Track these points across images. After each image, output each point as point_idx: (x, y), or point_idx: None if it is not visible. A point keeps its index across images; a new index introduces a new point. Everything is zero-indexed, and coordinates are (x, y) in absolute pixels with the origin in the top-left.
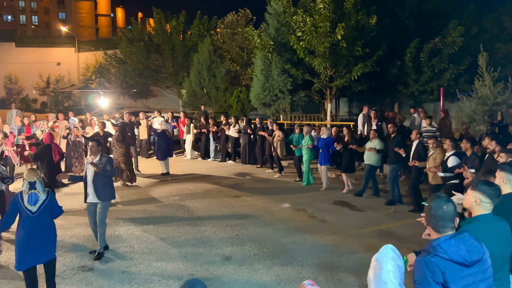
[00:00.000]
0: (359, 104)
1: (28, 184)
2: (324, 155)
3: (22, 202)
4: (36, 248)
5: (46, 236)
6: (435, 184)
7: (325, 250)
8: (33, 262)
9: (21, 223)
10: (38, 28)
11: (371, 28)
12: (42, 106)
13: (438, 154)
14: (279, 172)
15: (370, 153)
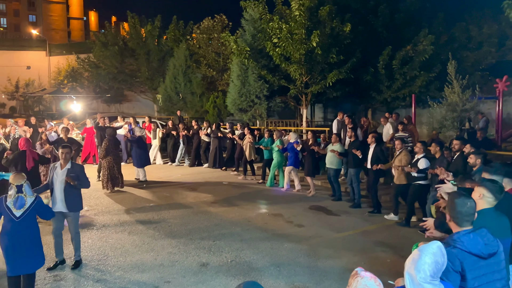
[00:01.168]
0: (334, 110)
1: (16, 187)
2: (291, 157)
3: (5, 206)
4: (23, 256)
5: (31, 243)
6: (399, 184)
7: (302, 255)
8: (22, 271)
9: (4, 228)
10: (7, 31)
11: (346, 35)
12: (11, 111)
13: (403, 156)
14: (244, 174)
15: (332, 157)
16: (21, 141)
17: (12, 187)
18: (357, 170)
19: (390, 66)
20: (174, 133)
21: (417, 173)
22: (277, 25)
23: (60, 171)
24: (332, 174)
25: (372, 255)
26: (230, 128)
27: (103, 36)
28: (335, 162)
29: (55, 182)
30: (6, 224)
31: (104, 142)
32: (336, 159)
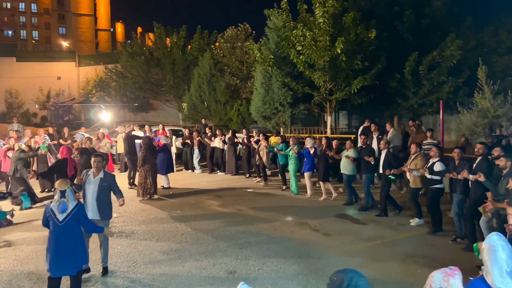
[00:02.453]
0: (359, 117)
1: (59, 192)
2: (306, 162)
3: (50, 211)
4: (64, 258)
5: (73, 246)
6: (415, 188)
7: (330, 264)
8: (63, 272)
9: (50, 231)
10: (39, 43)
11: (370, 42)
12: (42, 120)
13: (419, 160)
14: (264, 180)
15: (346, 163)
16: (63, 150)
17: (56, 192)
18: (369, 175)
19: (417, 72)
20: (189, 141)
21: (430, 175)
22: (301, 32)
23: (93, 179)
24: (346, 180)
25: (402, 265)
26: (246, 135)
27: (129, 46)
28: (349, 167)
29: (87, 190)
30: (52, 228)
31: (141, 151)
32: (350, 164)
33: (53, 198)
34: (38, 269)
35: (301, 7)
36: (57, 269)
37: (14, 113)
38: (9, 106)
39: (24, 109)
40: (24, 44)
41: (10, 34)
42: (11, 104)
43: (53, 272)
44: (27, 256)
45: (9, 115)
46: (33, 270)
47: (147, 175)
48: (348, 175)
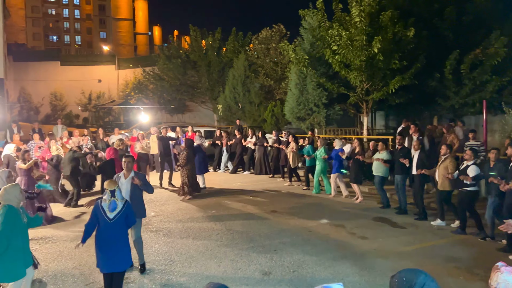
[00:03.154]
0: (396, 117)
1: (109, 192)
2: (336, 164)
3: (101, 210)
4: (115, 255)
5: (122, 243)
6: (443, 190)
7: (366, 268)
8: (114, 269)
9: (99, 229)
10: (81, 47)
11: (409, 40)
12: (84, 122)
13: (449, 162)
14: (291, 180)
15: (378, 165)
16: (109, 151)
17: (106, 192)
18: (403, 177)
19: (458, 71)
20: (219, 142)
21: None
22: (336, 32)
23: (125, 180)
24: (378, 181)
25: (444, 271)
26: (275, 136)
27: (166, 49)
28: (382, 169)
29: (121, 191)
30: (101, 226)
31: (184, 151)
32: (382, 166)
33: (102, 197)
34: (81, 264)
35: (337, 6)
36: (108, 265)
37: (58, 114)
38: (54, 108)
39: (67, 111)
40: (67, 48)
41: (55, 39)
42: (56, 106)
43: (105, 268)
44: (70, 252)
45: (53, 117)
46: (76, 265)
47: (189, 174)
48: (380, 176)
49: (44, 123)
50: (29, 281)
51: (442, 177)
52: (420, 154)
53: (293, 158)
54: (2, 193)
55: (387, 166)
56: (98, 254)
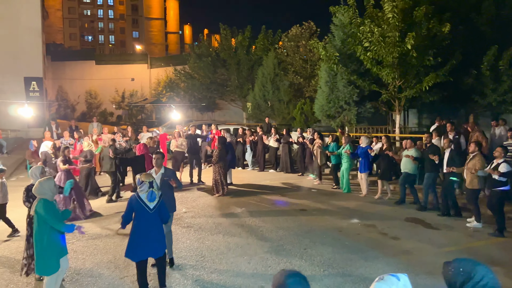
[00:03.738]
0: (430, 115)
1: (148, 183)
2: (363, 163)
3: (140, 201)
4: (150, 243)
5: (158, 231)
6: (472, 189)
7: (399, 269)
8: (147, 255)
9: (138, 219)
10: (115, 47)
11: (444, 36)
12: (118, 119)
13: (478, 160)
14: (319, 179)
15: (407, 161)
16: (140, 147)
17: (144, 184)
18: (432, 174)
19: (496, 67)
20: (241, 139)
21: (499, 177)
22: (368, 28)
23: (155, 176)
24: (404, 177)
25: None
26: (300, 134)
27: (197, 48)
28: (410, 166)
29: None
30: (140, 217)
31: (217, 149)
32: (410, 163)
33: (141, 189)
34: (116, 258)
35: (368, 2)
36: (148, 252)
37: (94, 112)
38: (89, 106)
39: (102, 109)
40: (102, 48)
41: (90, 39)
42: (91, 104)
43: (143, 255)
44: (105, 246)
45: (89, 114)
46: (111, 259)
47: (221, 172)
48: (408, 173)
49: (80, 121)
50: (63, 271)
51: (470, 175)
52: (451, 152)
53: (320, 156)
54: (37, 186)
55: (416, 163)
56: (137, 243)
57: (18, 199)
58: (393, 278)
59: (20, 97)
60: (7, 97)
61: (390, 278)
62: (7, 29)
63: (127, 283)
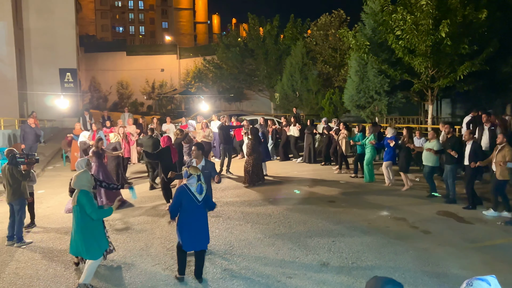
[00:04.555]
0: (464, 105)
1: (196, 177)
2: (388, 152)
3: (190, 193)
4: (202, 233)
5: (205, 223)
6: (502, 180)
7: (430, 264)
8: (201, 246)
9: (186, 211)
10: (145, 38)
11: (481, 23)
12: (148, 109)
13: (507, 151)
14: (346, 168)
15: (428, 154)
16: (164, 139)
17: (193, 177)
18: (453, 166)
19: None
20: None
21: None
22: (401, 16)
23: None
24: (428, 171)
25: None
26: (325, 124)
27: (225, 38)
28: (432, 159)
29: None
30: (188, 208)
31: (250, 140)
32: (432, 156)
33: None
34: (148, 246)
35: None
36: (198, 243)
37: (125, 102)
38: (120, 97)
39: (133, 99)
40: (132, 39)
41: (121, 30)
42: (122, 94)
43: (195, 246)
44: (137, 234)
45: (120, 105)
46: (143, 247)
47: (254, 163)
48: (430, 166)
49: (112, 111)
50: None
51: (500, 167)
52: (473, 144)
53: (345, 145)
54: (75, 180)
55: (437, 155)
56: (187, 234)
57: (56, 187)
58: (483, 283)
59: (56, 88)
60: (44, 88)
61: (479, 283)
62: (44, 22)
63: (158, 271)
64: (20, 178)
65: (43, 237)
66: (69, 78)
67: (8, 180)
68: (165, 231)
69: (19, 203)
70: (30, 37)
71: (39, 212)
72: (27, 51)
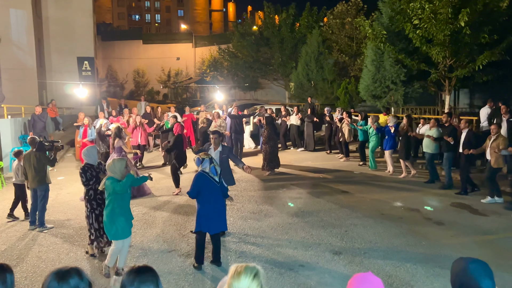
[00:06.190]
0: (483, 96)
1: (209, 160)
2: (388, 140)
3: (208, 176)
4: (219, 216)
5: (224, 206)
6: (497, 168)
7: (442, 255)
8: (221, 228)
9: (207, 194)
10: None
11: (502, 12)
12: (164, 98)
13: (501, 140)
14: (346, 156)
15: (429, 141)
16: (177, 127)
17: (205, 160)
18: (449, 154)
19: None
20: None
21: None
22: (419, 5)
23: (214, 152)
24: (428, 158)
25: None
26: (328, 113)
27: (241, 27)
28: (431, 146)
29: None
30: (208, 191)
31: (266, 129)
32: (432, 143)
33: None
34: (164, 232)
35: None
36: (217, 225)
37: (141, 91)
38: (137, 85)
39: (149, 87)
40: (148, 27)
41: (137, 18)
42: (138, 82)
43: (216, 228)
44: (154, 221)
45: (137, 93)
46: (159, 233)
47: (270, 151)
48: (430, 153)
49: (128, 99)
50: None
51: (495, 155)
52: (468, 133)
53: (348, 133)
54: (110, 164)
55: (437, 143)
56: (207, 217)
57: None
58: None
59: (74, 76)
60: (62, 76)
61: None
62: (62, 11)
63: (174, 257)
64: (48, 164)
65: (64, 223)
66: (86, 66)
67: (33, 166)
68: (180, 219)
69: (44, 188)
70: (49, 26)
71: (59, 198)
72: (46, 40)
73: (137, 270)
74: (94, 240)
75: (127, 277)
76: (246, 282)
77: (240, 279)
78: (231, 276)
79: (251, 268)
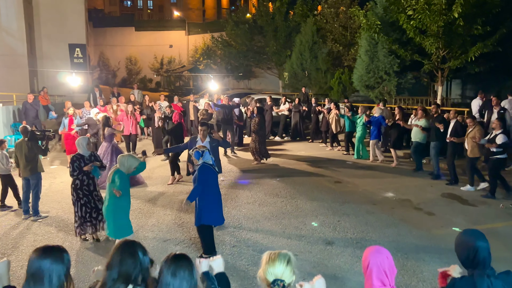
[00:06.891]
0: (474, 87)
1: (208, 151)
2: (374, 131)
3: (211, 166)
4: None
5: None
6: (473, 157)
7: (432, 244)
8: (222, 220)
9: (213, 186)
10: (153, 12)
11: (495, 3)
12: (157, 86)
13: (477, 131)
14: (331, 146)
15: (417, 131)
16: (176, 115)
17: (205, 152)
18: (437, 143)
19: None
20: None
21: (496, 148)
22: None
23: (201, 144)
24: (415, 146)
25: None
26: (315, 104)
27: (234, 15)
28: (420, 135)
29: None
30: (214, 183)
31: (256, 118)
32: (420, 133)
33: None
34: (159, 222)
35: None
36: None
37: (134, 78)
38: (129, 72)
39: (141, 75)
40: (140, 13)
41: (129, 4)
42: (131, 70)
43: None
44: (149, 210)
45: (129, 81)
46: (155, 223)
47: (260, 141)
48: (418, 142)
49: (120, 87)
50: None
51: (471, 145)
52: (456, 123)
53: (335, 124)
54: (120, 158)
55: (425, 133)
56: (215, 208)
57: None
58: None
59: (65, 63)
60: (54, 63)
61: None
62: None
63: (170, 246)
64: (40, 153)
65: (58, 212)
66: (78, 53)
67: (25, 155)
68: (175, 209)
69: (36, 177)
70: (39, 11)
71: (53, 187)
72: (37, 25)
73: (174, 257)
74: (78, 226)
75: (165, 263)
76: (281, 267)
77: (275, 265)
78: (265, 262)
79: (283, 254)
